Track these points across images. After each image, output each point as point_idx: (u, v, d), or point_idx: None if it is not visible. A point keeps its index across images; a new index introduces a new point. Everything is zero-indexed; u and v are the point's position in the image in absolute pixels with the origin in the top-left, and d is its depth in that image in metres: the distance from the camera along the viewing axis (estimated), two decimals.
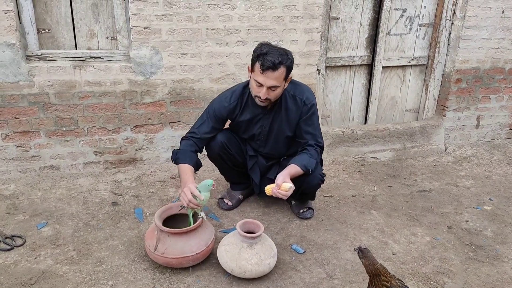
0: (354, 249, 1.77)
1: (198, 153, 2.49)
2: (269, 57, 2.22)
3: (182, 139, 2.51)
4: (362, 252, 1.73)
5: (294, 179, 2.33)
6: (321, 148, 2.51)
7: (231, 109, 2.51)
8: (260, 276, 2.13)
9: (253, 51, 2.31)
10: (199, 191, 2.17)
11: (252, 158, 2.69)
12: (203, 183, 2.21)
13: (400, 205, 2.95)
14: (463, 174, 3.49)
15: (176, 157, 2.42)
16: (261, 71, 2.24)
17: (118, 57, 3.00)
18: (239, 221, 2.21)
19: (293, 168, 2.35)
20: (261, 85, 2.28)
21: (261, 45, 2.31)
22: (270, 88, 2.28)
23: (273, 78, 2.25)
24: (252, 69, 2.33)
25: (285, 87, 2.40)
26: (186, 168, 2.33)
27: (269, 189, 2.28)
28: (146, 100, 3.08)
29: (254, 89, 2.34)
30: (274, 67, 2.22)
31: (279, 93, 2.36)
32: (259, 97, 2.33)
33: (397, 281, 1.69)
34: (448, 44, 3.74)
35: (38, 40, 2.85)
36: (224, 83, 3.17)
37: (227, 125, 2.68)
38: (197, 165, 2.43)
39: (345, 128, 3.69)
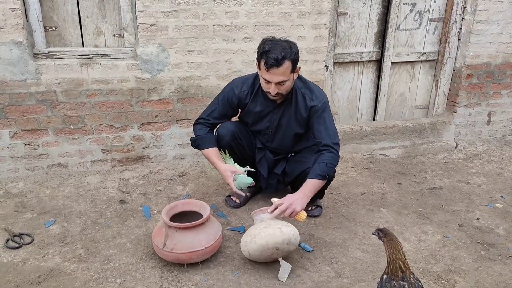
0: (373, 233, 1.78)
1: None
2: (272, 54, 2.21)
3: (195, 124, 2.61)
4: (382, 231, 1.72)
5: (301, 178, 2.37)
6: (337, 146, 2.42)
7: (242, 97, 2.53)
8: (272, 240, 2.03)
9: (257, 49, 2.32)
10: (237, 185, 2.44)
11: (261, 151, 2.69)
12: (241, 180, 2.42)
13: (410, 203, 2.91)
14: (474, 171, 3.43)
15: (197, 144, 2.57)
16: (266, 69, 2.25)
17: (125, 55, 2.99)
18: (248, 217, 2.25)
19: (311, 186, 2.31)
20: (269, 81, 2.29)
21: (264, 41, 2.31)
22: (278, 83, 2.29)
23: (279, 74, 2.25)
24: (258, 67, 2.35)
25: (294, 79, 2.39)
26: (211, 152, 2.51)
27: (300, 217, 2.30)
28: (153, 97, 3.07)
29: (264, 86, 2.37)
30: (277, 63, 2.22)
31: (288, 86, 2.36)
32: (270, 93, 2.34)
33: (411, 276, 1.67)
34: (459, 39, 3.69)
35: (45, 38, 2.85)
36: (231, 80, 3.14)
37: (236, 118, 2.71)
38: (217, 145, 2.58)
39: (354, 125, 3.65)
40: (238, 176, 2.43)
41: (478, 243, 2.50)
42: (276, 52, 2.21)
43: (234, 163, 2.52)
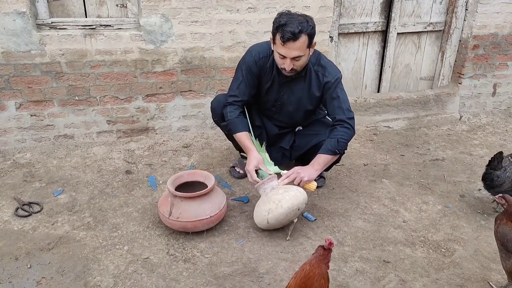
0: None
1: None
2: (288, 27, 2.14)
3: (225, 105, 2.50)
4: None
5: (312, 152, 2.40)
6: (352, 120, 2.40)
7: (261, 65, 2.44)
8: (297, 201, 2.16)
9: (273, 23, 2.23)
10: (260, 175, 2.31)
11: (258, 129, 2.66)
12: (263, 172, 2.32)
13: (412, 174, 2.94)
14: (477, 143, 3.44)
15: (228, 129, 2.51)
16: (282, 43, 2.18)
17: (128, 25, 2.97)
18: (252, 187, 2.34)
19: (321, 161, 2.35)
20: (284, 57, 2.23)
21: (280, 15, 2.22)
22: (294, 58, 2.22)
23: (295, 48, 2.19)
24: (273, 41, 2.27)
25: (310, 55, 2.32)
26: (243, 136, 2.43)
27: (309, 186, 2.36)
28: (157, 69, 3.06)
29: (279, 61, 2.29)
30: (294, 37, 2.14)
31: (304, 62, 2.31)
32: (285, 69, 2.28)
33: None
34: (466, 9, 3.62)
35: (48, 8, 2.82)
36: (235, 51, 3.12)
37: None
38: (249, 127, 2.50)
39: (358, 96, 3.64)
40: (260, 172, 2.36)
41: (478, 213, 2.54)
42: (292, 25, 2.14)
43: (265, 153, 2.46)
